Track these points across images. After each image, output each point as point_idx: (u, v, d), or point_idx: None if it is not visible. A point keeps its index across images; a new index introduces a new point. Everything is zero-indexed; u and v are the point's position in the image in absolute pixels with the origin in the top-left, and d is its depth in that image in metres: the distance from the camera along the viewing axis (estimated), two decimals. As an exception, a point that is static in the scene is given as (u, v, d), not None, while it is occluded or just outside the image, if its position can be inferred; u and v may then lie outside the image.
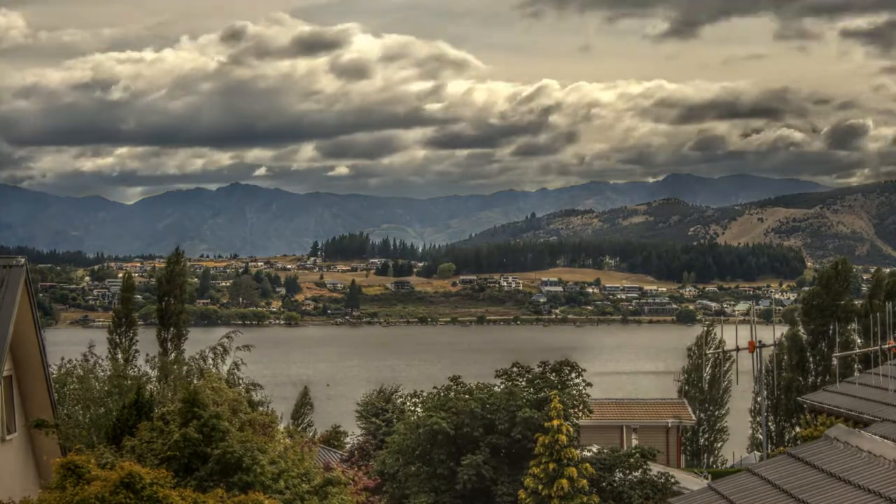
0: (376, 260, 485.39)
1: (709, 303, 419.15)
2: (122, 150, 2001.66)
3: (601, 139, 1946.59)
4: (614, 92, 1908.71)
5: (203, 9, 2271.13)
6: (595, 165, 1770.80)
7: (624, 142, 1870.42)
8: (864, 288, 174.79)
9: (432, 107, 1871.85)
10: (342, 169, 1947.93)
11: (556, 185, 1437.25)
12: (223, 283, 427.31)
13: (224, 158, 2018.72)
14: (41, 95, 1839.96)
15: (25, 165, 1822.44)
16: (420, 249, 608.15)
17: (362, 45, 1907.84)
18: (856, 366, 63.17)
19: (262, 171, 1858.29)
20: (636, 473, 37.82)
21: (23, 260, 25.45)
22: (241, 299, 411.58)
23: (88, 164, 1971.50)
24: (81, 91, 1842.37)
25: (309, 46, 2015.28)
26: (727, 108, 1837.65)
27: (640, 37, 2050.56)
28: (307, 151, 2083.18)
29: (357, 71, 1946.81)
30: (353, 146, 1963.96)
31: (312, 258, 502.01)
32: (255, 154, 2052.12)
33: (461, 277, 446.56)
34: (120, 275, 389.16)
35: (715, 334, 73.72)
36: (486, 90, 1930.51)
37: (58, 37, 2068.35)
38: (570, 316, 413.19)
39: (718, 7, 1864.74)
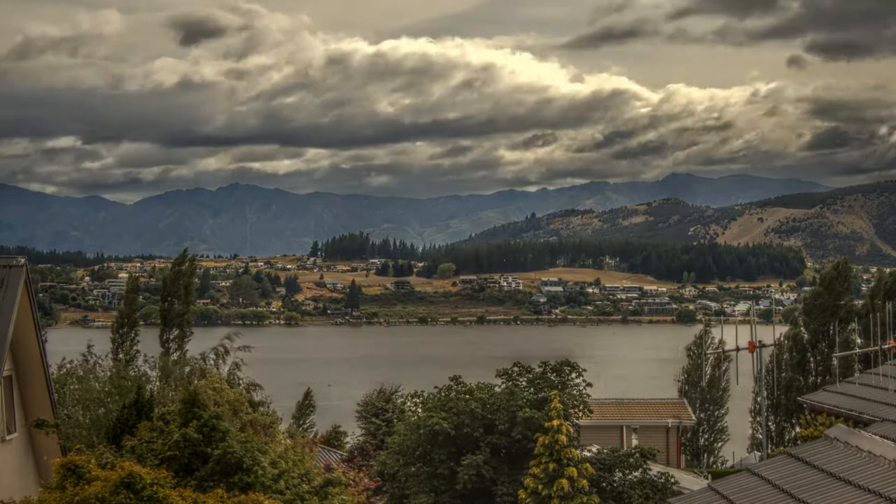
0: (376, 260, 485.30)
1: (709, 303, 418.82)
2: (240, 150, 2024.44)
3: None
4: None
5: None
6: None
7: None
8: (864, 288, 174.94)
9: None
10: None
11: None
12: (223, 283, 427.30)
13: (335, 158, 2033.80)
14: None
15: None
16: (420, 249, 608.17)
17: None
18: (856, 366, 63.14)
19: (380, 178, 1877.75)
20: (636, 473, 37.77)
21: (23, 260, 25.42)
22: (241, 299, 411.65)
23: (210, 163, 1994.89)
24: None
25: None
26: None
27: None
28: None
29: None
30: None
31: (312, 258, 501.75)
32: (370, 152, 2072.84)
33: (461, 277, 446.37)
34: (120, 275, 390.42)
35: (713, 334, 73.60)
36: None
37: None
38: (570, 316, 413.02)
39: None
